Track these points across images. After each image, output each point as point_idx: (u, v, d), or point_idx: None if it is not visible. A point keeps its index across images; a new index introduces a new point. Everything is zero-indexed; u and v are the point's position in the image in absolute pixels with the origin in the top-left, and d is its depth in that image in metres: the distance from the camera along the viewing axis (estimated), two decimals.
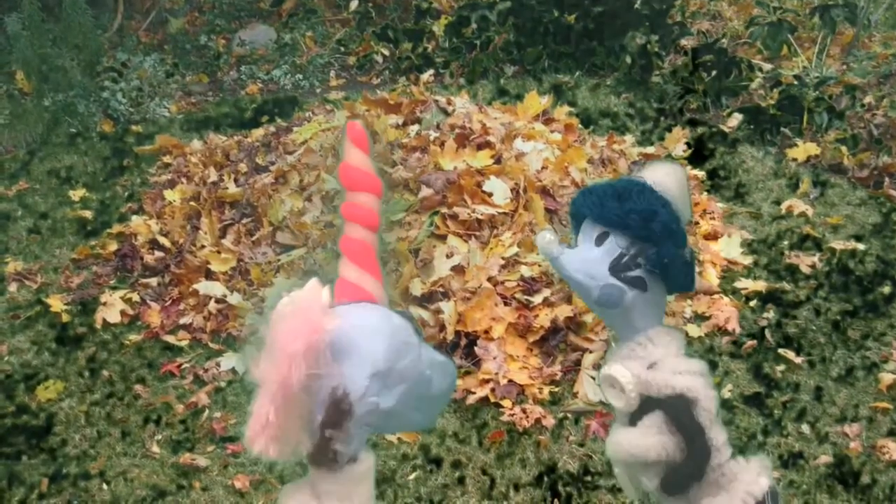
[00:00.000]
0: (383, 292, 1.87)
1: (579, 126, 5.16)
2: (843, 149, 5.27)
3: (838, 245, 4.53)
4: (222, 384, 3.87)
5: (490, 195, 4.24)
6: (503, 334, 3.88)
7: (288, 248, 4.31)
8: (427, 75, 6.36)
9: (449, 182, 4.25)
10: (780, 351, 3.91)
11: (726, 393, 3.70)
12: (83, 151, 5.76)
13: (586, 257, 1.80)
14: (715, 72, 5.97)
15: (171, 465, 3.49)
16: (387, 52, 6.88)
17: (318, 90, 6.64)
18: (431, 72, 6.46)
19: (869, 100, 5.78)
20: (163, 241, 4.59)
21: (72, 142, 5.85)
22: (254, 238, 4.39)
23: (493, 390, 3.72)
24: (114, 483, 3.43)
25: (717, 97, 5.92)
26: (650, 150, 5.21)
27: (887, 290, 4.25)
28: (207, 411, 3.74)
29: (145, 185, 5.28)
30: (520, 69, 6.53)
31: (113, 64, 6.53)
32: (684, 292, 1.77)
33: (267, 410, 1.67)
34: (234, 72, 6.88)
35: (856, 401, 3.67)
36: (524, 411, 3.63)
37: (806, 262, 4.43)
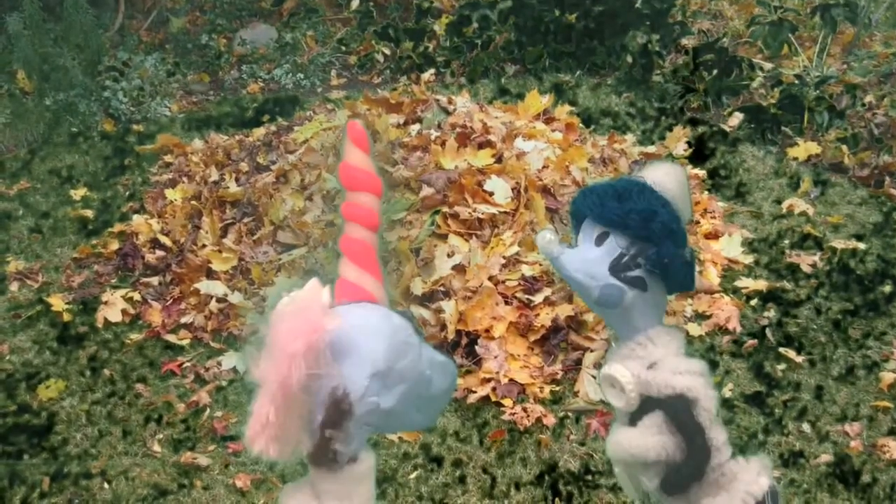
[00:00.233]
0: (384, 292, 1.88)
1: (580, 125, 5.16)
2: (844, 148, 5.27)
3: (839, 244, 4.53)
4: (223, 383, 3.87)
5: (491, 194, 4.24)
6: (504, 333, 3.88)
7: (289, 248, 4.32)
8: (428, 74, 6.36)
9: (450, 181, 4.25)
10: (781, 350, 3.91)
11: (727, 392, 3.71)
12: (84, 151, 5.76)
13: (586, 257, 1.80)
14: (716, 71, 5.97)
15: (172, 464, 3.49)
16: (388, 52, 6.88)
17: (319, 89, 6.64)
18: (432, 71, 6.46)
19: (869, 99, 5.78)
20: (164, 240, 4.59)
21: (73, 141, 5.86)
22: (255, 237, 4.39)
23: (493, 389, 3.72)
24: (115, 482, 3.43)
25: (718, 96, 5.92)
26: (651, 149, 5.21)
27: (888, 289, 4.25)
28: (208, 410, 3.75)
29: (146, 185, 5.28)
30: (521, 68, 6.53)
31: (114, 63, 6.53)
32: (684, 292, 1.75)
33: (267, 410, 1.67)
34: (235, 71, 6.88)
35: (856, 400, 3.67)
36: (525, 410, 3.63)
37: (807, 261, 4.43)
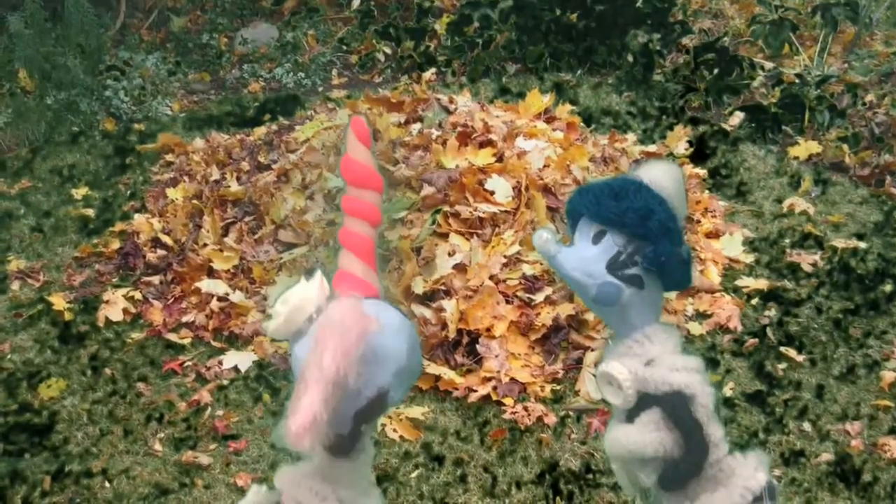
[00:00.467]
0: (375, 279, 1.94)
1: (581, 124, 5.16)
2: (845, 147, 5.28)
3: (840, 243, 4.54)
4: (224, 382, 3.88)
5: (492, 193, 4.24)
6: (505, 332, 3.88)
7: (290, 247, 4.32)
8: (429, 74, 6.36)
9: (451, 180, 4.26)
10: (782, 349, 3.91)
11: (728, 391, 3.71)
12: (86, 150, 5.77)
13: (583, 255, 1.80)
14: (716, 70, 5.97)
15: (173, 463, 3.49)
16: (389, 51, 6.88)
17: (320, 88, 6.64)
18: (433, 70, 6.46)
19: (870, 98, 5.78)
20: (165, 239, 4.59)
21: (74, 140, 5.86)
22: (256, 236, 4.39)
23: (494, 388, 3.72)
24: (116, 481, 3.43)
25: (719, 96, 5.92)
26: (652, 148, 5.21)
27: (888, 288, 4.26)
28: (209, 409, 3.75)
29: (148, 184, 5.28)
30: (522, 67, 6.53)
31: (115, 62, 6.54)
32: (681, 290, 1.77)
33: (319, 408, 1.69)
34: (236, 70, 6.89)
35: (857, 399, 3.67)
36: (526, 409, 3.63)
37: (807, 260, 4.43)
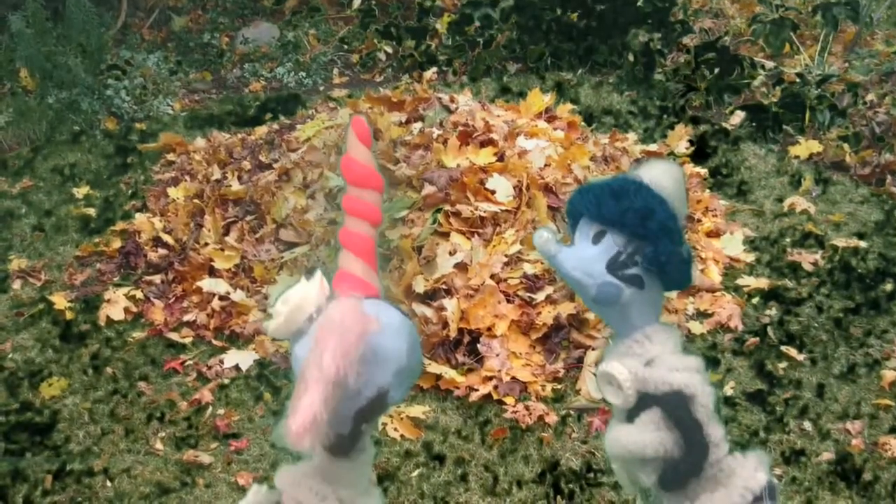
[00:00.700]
0: (374, 278, 1.96)
1: (582, 124, 5.17)
2: (846, 146, 5.28)
3: (840, 242, 4.54)
4: (225, 381, 3.88)
5: (493, 192, 4.25)
6: (506, 332, 3.88)
7: (291, 246, 4.32)
8: (430, 73, 6.36)
9: (452, 179, 4.26)
10: (783, 348, 3.92)
11: (728, 390, 3.71)
12: (87, 149, 5.77)
13: (584, 255, 1.81)
14: (717, 69, 5.97)
15: (174, 462, 3.50)
16: (390, 50, 6.89)
17: (321, 88, 6.65)
18: (434, 69, 6.46)
19: (871, 97, 5.78)
20: (166, 238, 4.60)
21: (75, 139, 5.86)
22: (257, 235, 4.40)
23: (495, 387, 3.73)
24: (117, 480, 3.43)
25: (720, 95, 5.92)
26: (653, 147, 5.21)
27: (889, 287, 4.26)
28: (211, 408, 3.75)
29: (149, 183, 5.29)
30: (523, 67, 6.54)
31: (116, 62, 6.55)
32: (682, 289, 1.77)
33: (319, 409, 1.71)
34: (237, 69, 6.89)
35: (858, 398, 3.67)
36: (527, 408, 3.64)
37: (808, 259, 4.43)
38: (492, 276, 4.00)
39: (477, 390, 3.72)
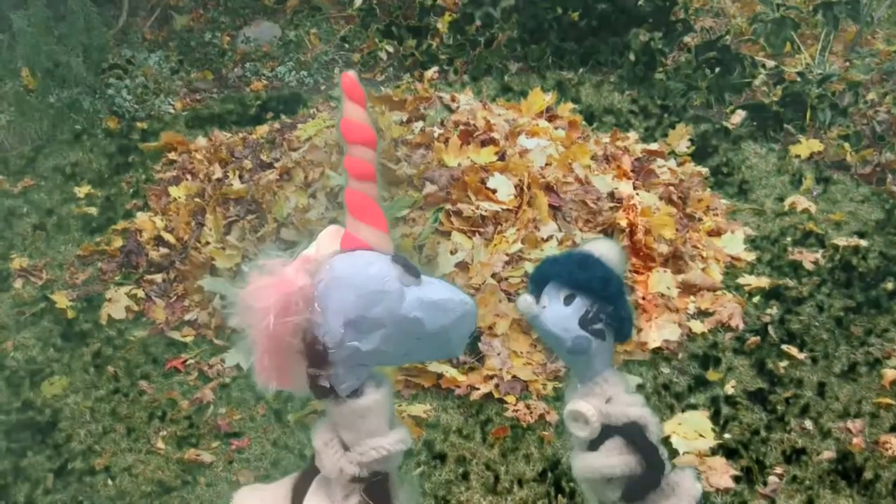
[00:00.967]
0: (382, 238, 2.04)
1: (583, 123, 5.17)
2: (846, 145, 5.28)
3: (841, 241, 4.54)
4: (227, 380, 3.89)
5: (494, 192, 4.25)
6: (507, 330, 3.89)
7: (293, 245, 4.32)
8: (431, 72, 6.36)
9: (453, 179, 4.26)
10: (784, 347, 3.92)
11: (729, 389, 3.72)
12: (88, 148, 5.77)
13: (560, 314, 2.14)
14: (718, 69, 5.97)
15: (175, 461, 3.51)
16: (391, 49, 6.88)
17: (322, 87, 6.64)
18: (436, 69, 6.46)
19: (872, 96, 5.78)
20: (168, 237, 4.60)
21: (77, 138, 5.87)
22: (258, 234, 4.40)
23: (497, 386, 3.73)
24: (119, 478, 3.44)
25: (721, 94, 5.92)
26: (654, 146, 5.21)
27: (890, 286, 4.26)
28: (212, 407, 3.76)
29: (150, 182, 5.29)
30: (524, 66, 6.54)
31: (118, 61, 6.55)
32: (625, 341, 2.16)
33: (262, 359, 1.96)
34: (238, 69, 6.89)
35: (859, 397, 3.67)
36: (528, 407, 3.64)
37: (809, 258, 4.44)
38: (493, 276, 4.00)
39: (478, 389, 3.73)
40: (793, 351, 3.89)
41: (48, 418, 3.74)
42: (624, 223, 4.23)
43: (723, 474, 3.30)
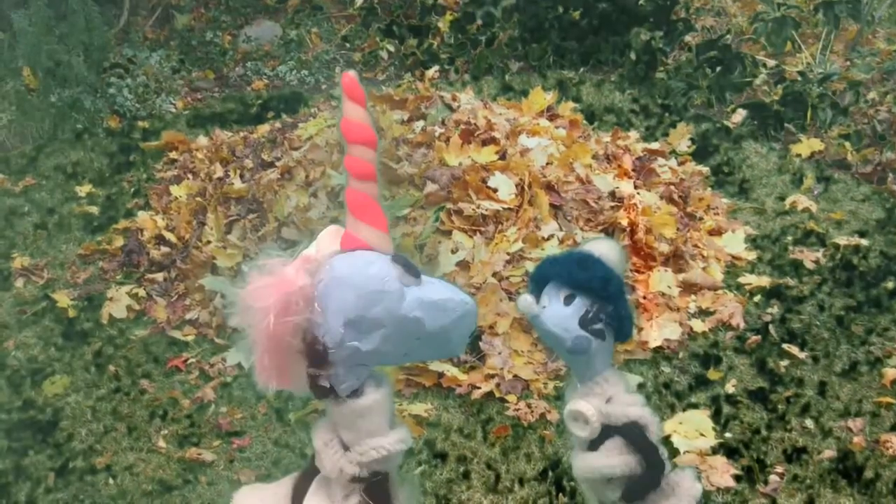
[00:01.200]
0: (381, 238, 2.04)
1: (584, 122, 5.17)
2: (847, 145, 5.28)
3: (842, 241, 4.54)
4: (228, 379, 3.89)
5: (495, 191, 4.25)
6: (508, 329, 3.89)
7: (294, 244, 4.32)
8: (432, 71, 6.35)
9: (454, 178, 4.26)
10: (784, 346, 3.92)
11: (730, 388, 3.72)
12: (89, 147, 5.78)
13: (561, 314, 2.14)
14: (719, 68, 5.97)
15: (176, 460, 3.51)
16: (392, 49, 6.88)
17: (323, 86, 6.65)
18: (436, 68, 6.46)
19: (872, 96, 5.78)
20: (169, 236, 4.60)
21: (78, 138, 5.87)
22: (259, 234, 4.40)
23: (497, 385, 3.73)
24: (120, 477, 3.44)
25: (721, 93, 5.92)
26: (654, 145, 5.21)
27: (891, 285, 4.26)
28: (213, 406, 3.76)
29: (151, 181, 5.29)
30: (525, 65, 6.54)
31: (119, 60, 6.55)
32: (626, 341, 2.15)
33: (261, 356, 1.97)
34: (239, 68, 6.89)
35: (859, 396, 3.67)
36: (529, 406, 3.64)
37: (810, 257, 4.44)
38: (494, 275, 4.01)
39: (479, 388, 3.73)
40: (793, 350, 3.89)
41: (49, 417, 3.74)
42: (625, 222, 4.23)
43: (723, 473, 3.30)
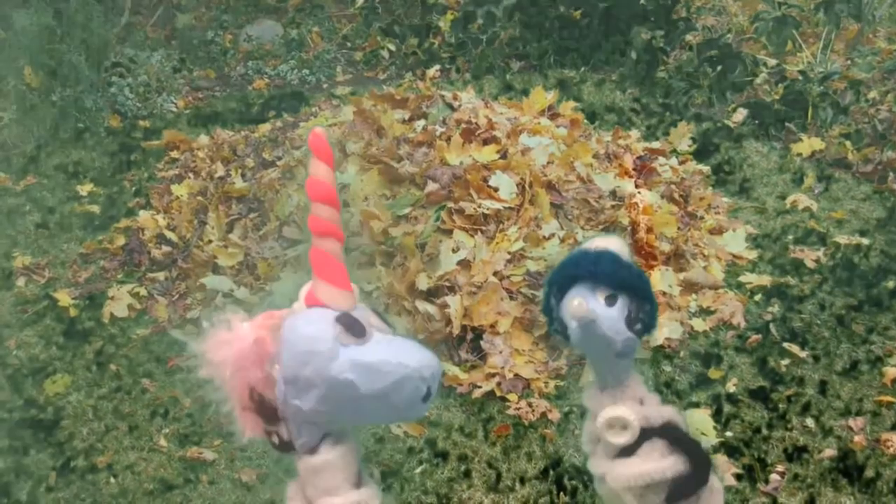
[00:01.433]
0: (341, 295, 1.99)
1: (585, 121, 5.17)
2: (848, 144, 5.28)
3: (842, 240, 4.54)
4: None
5: (496, 190, 4.25)
6: (509, 328, 3.89)
7: (295, 243, 4.33)
8: (433, 70, 6.37)
9: (455, 177, 4.26)
10: (785, 345, 3.92)
11: (731, 387, 3.72)
12: (91, 146, 5.78)
13: (610, 316, 1.97)
14: (720, 67, 5.98)
15: (178, 459, 3.51)
16: (393, 48, 6.89)
17: (324, 85, 6.65)
18: (437, 67, 6.46)
19: (873, 95, 5.78)
20: (170, 235, 4.61)
21: (79, 137, 5.87)
22: (261, 233, 4.41)
23: (498, 384, 3.73)
24: (121, 476, 3.45)
25: (722, 92, 5.93)
26: (655, 145, 5.22)
27: (891, 284, 4.26)
28: (214, 405, 3.76)
29: (153, 180, 5.30)
30: (525, 64, 6.54)
31: (120, 59, 6.55)
32: (648, 335, 2.04)
33: (236, 413, 1.92)
34: (240, 67, 6.90)
35: (860, 395, 3.68)
36: (530, 405, 3.64)
37: (810, 256, 4.44)
38: (495, 274, 4.01)
39: (480, 387, 3.73)
40: (794, 349, 3.89)
41: (51, 416, 3.75)
42: (626, 221, 4.24)
43: (724, 472, 3.30)
